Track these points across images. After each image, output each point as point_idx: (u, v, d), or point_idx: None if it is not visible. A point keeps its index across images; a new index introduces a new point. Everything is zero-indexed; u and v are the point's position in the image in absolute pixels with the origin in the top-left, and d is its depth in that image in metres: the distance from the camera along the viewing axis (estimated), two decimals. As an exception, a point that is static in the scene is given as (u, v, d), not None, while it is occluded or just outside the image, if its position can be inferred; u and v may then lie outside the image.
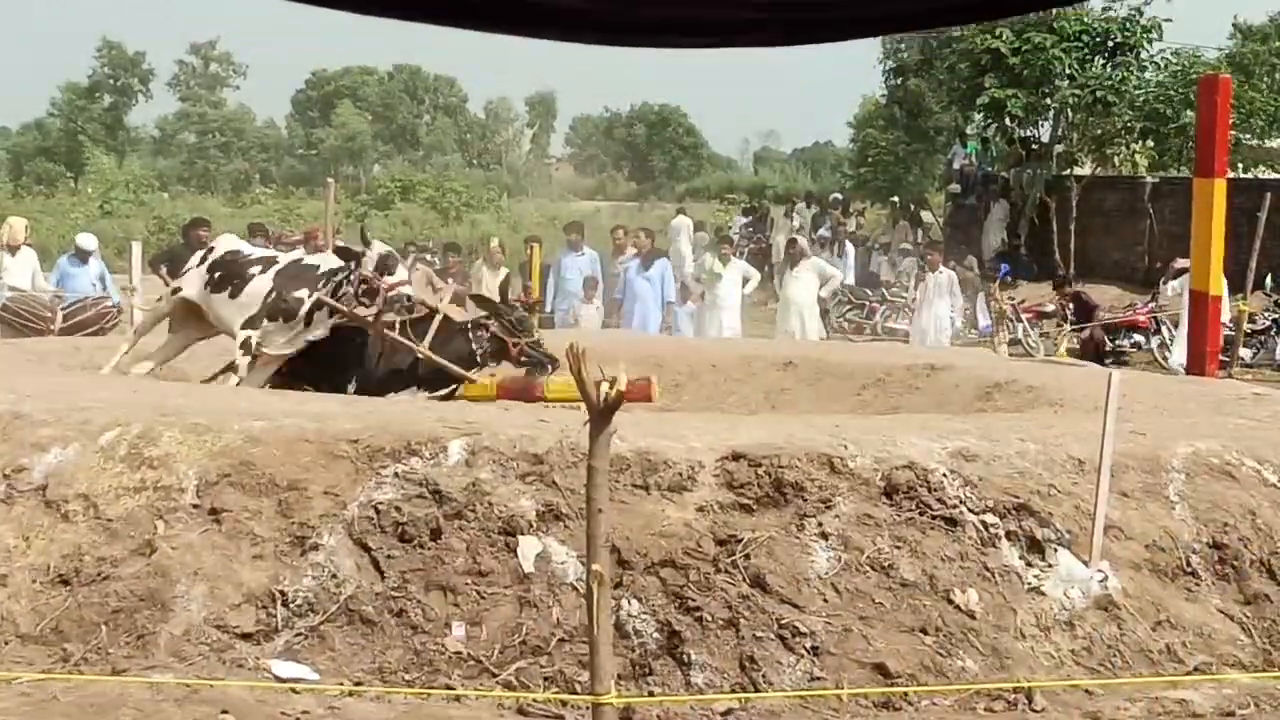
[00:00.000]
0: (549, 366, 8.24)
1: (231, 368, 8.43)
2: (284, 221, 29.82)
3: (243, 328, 8.28)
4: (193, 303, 8.69)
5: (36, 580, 5.10)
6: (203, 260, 8.75)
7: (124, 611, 4.98)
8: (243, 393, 7.70)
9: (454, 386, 8.39)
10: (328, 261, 8.54)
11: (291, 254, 9.49)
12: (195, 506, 5.29)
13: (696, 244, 25.47)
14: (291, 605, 5.01)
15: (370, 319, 8.22)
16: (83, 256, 14.09)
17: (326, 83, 66.70)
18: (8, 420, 5.74)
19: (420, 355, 8.25)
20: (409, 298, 8.35)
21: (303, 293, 8.28)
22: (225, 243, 9.07)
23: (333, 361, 8.35)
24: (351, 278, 8.26)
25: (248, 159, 61.13)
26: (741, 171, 66.83)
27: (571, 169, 75.75)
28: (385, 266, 8.32)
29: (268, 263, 8.59)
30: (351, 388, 8.17)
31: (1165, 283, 19.08)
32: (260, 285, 8.36)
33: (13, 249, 13.49)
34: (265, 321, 8.28)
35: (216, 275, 8.55)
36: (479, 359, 8.39)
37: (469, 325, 8.51)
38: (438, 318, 8.39)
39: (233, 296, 8.40)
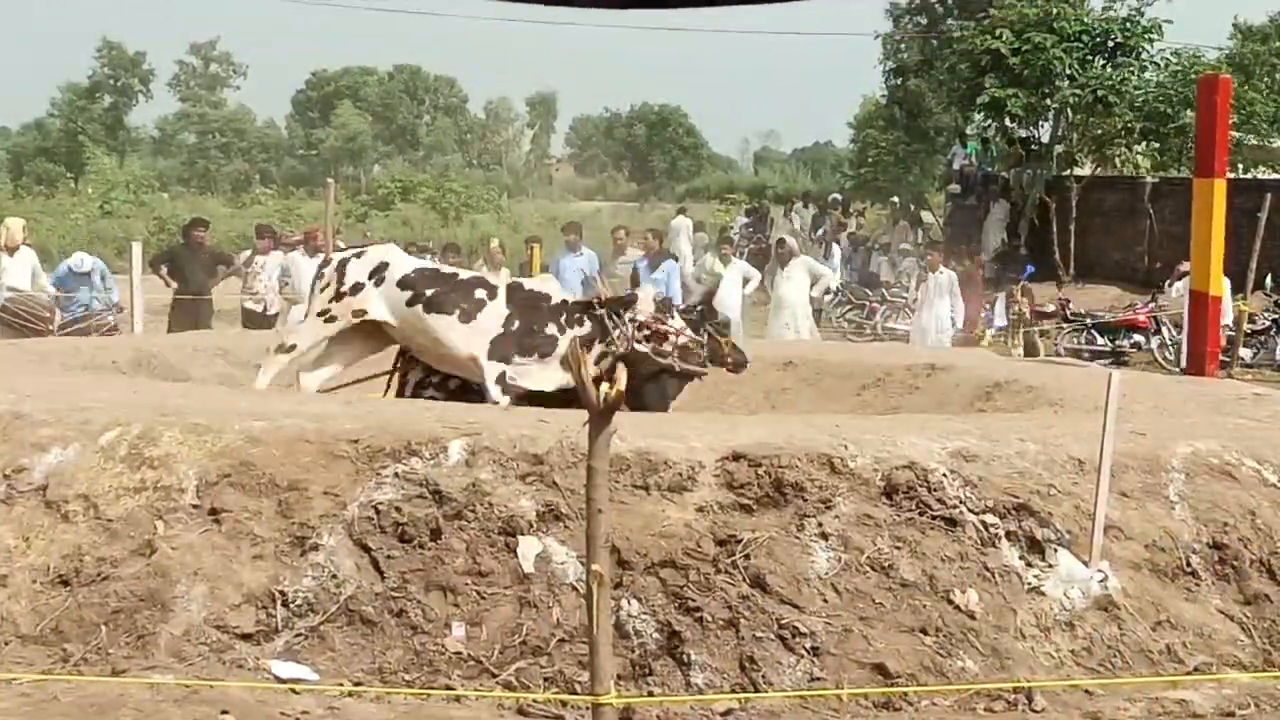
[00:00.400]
0: (747, 364, 9.09)
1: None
2: (284, 222, 29.80)
3: (490, 359, 7.97)
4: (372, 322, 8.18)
5: (36, 580, 5.10)
6: (373, 275, 8.10)
7: (124, 611, 4.98)
8: (243, 393, 7.69)
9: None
10: (552, 289, 8.49)
11: (491, 274, 9.49)
12: (195, 506, 5.29)
13: (696, 244, 25.50)
14: (291, 605, 5.01)
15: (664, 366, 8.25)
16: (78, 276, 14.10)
17: (326, 83, 66.83)
18: (8, 420, 5.74)
19: (678, 369, 8.35)
20: (702, 344, 8.46)
21: (552, 329, 8.06)
22: (397, 257, 8.34)
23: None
24: (623, 319, 8.11)
25: (248, 159, 61.26)
26: (741, 171, 66.93)
27: (571, 169, 75.85)
28: (668, 309, 8.42)
29: (489, 287, 8.19)
30: None
31: (1170, 284, 19.11)
32: (496, 311, 8.05)
33: (11, 250, 13.51)
34: (516, 356, 8.01)
35: (428, 293, 8.04)
36: (701, 361, 8.73)
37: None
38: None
39: (465, 321, 7.99)
